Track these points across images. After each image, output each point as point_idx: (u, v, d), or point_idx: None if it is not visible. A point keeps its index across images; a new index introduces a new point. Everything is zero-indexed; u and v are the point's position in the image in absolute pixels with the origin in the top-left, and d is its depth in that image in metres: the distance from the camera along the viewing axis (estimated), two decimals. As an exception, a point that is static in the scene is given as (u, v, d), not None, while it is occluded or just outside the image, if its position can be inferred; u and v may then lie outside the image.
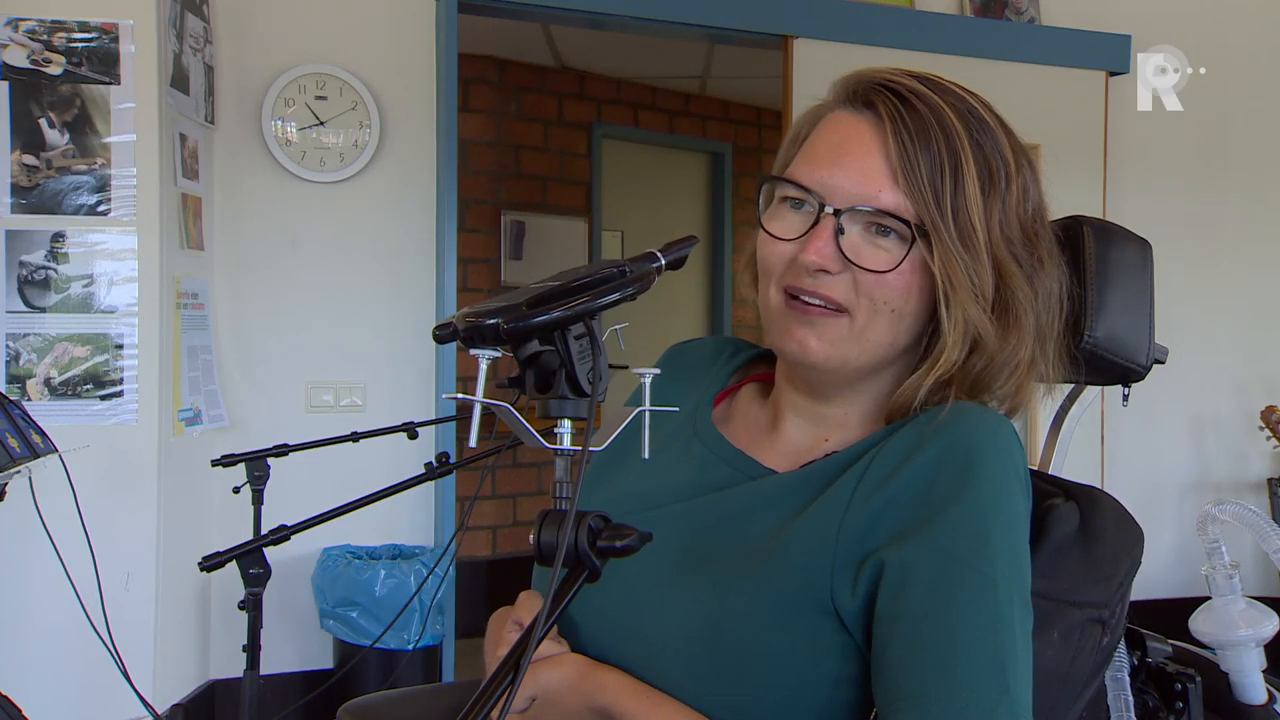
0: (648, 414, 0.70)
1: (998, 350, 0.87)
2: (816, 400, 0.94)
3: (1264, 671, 1.19)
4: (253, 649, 1.81)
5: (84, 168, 2.45)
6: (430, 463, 1.92)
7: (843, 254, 0.85)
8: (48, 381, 2.44)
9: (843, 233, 0.86)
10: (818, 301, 0.87)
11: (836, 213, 0.86)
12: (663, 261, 0.75)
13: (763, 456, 0.94)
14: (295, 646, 2.93)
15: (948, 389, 0.88)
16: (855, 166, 0.86)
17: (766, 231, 0.90)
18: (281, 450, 1.97)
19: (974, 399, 0.90)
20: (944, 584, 0.77)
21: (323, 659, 2.93)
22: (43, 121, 2.44)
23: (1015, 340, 0.88)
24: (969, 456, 0.82)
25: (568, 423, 0.66)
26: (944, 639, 0.75)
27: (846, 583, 0.80)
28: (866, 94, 0.88)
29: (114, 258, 2.47)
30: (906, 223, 0.84)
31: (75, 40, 2.45)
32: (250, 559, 1.70)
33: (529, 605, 0.89)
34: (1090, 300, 0.97)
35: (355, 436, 2.00)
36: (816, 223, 0.86)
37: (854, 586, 0.80)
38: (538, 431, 0.66)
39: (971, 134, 0.86)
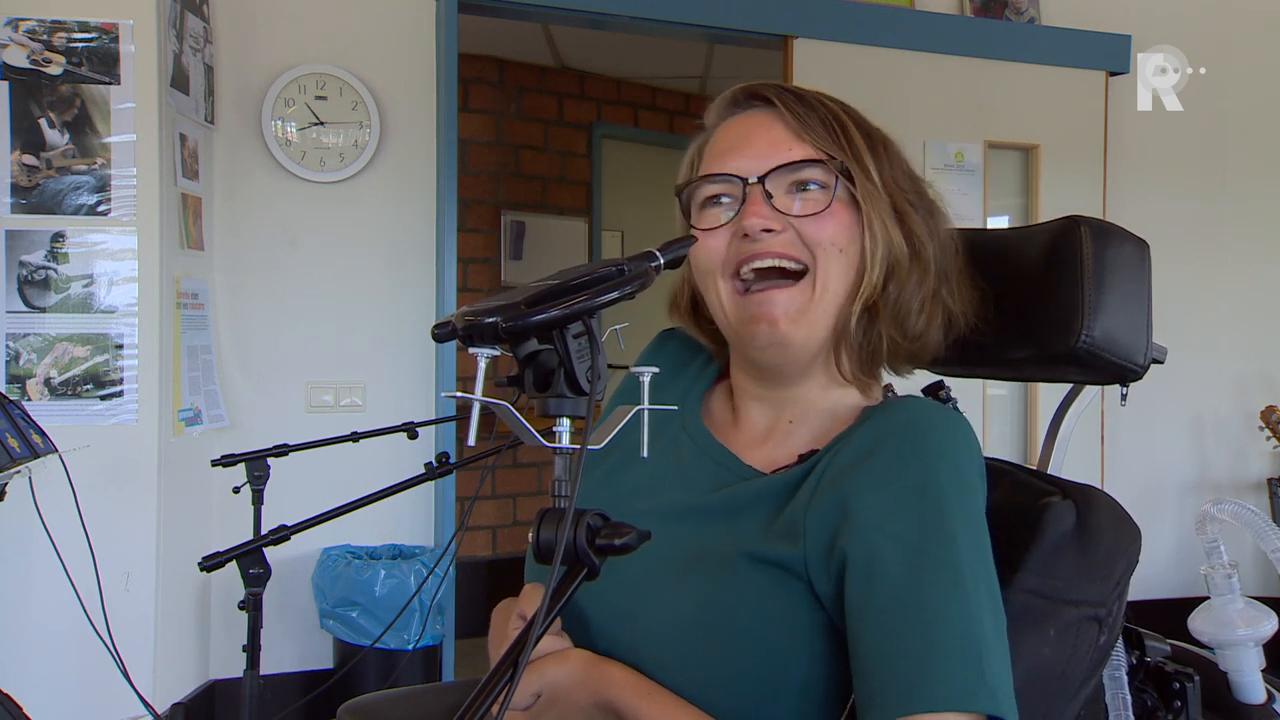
0: (646, 413, 0.70)
1: (907, 277, 0.93)
2: (778, 386, 0.97)
3: (1263, 671, 1.19)
4: (253, 649, 1.81)
5: (84, 168, 2.46)
6: (430, 463, 1.92)
7: (779, 212, 0.91)
8: (48, 381, 2.44)
9: (771, 197, 0.91)
10: (772, 262, 0.91)
11: (760, 180, 0.91)
12: (661, 260, 0.75)
13: (740, 452, 0.97)
14: (295, 646, 2.94)
15: (876, 322, 0.92)
16: (760, 140, 0.94)
17: (699, 230, 0.95)
18: (281, 450, 1.97)
19: (898, 340, 0.94)
20: (910, 575, 0.78)
21: (323, 659, 2.94)
22: (43, 121, 2.44)
23: (918, 272, 0.93)
24: (928, 451, 0.84)
25: (566, 421, 0.66)
26: (916, 628, 0.76)
27: (820, 570, 0.82)
28: (752, 93, 0.97)
29: (114, 258, 2.47)
30: (825, 162, 0.91)
31: (75, 40, 2.45)
32: (250, 559, 1.71)
33: (533, 597, 0.90)
34: (1087, 300, 0.97)
35: (355, 436, 2.00)
36: (744, 199, 0.92)
37: (827, 574, 0.82)
38: (537, 430, 0.67)
39: (847, 111, 0.97)
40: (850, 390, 0.96)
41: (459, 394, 0.69)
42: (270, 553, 1.73)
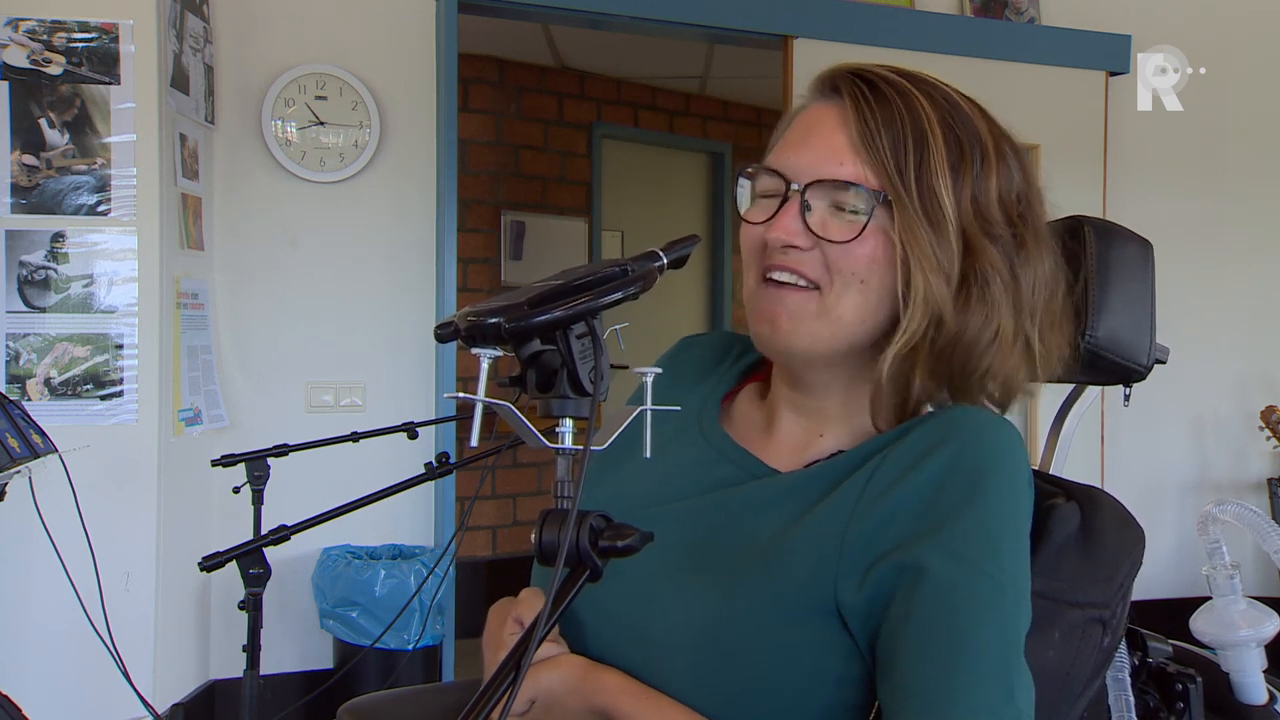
0: (649, 413, 0.70)
1: (959, 326, 0.87)
2: (804, 393, 0.94)
3: (1264, 671, 1.19)
4: (253, 649, 1.81)
5: (84, 168, 2.45)
6: (430, 463, 1.92)
7: (809, 229, 0.87)
8: (48, 381, 2.44)
9: (809, 209, 0.87)
10: (789, 278, 0.88)
11: (802, 190, 0.87)
12: (664, 261, 0.75)
13: (764, 455, 0.94)
14: (295, 646, 2.93)
15: (913, 368, 0.87)
16: (819, 145, 0.88)
17: (744, 219, 0.92)
18: (281, 450, 1.97)
19: (959, 383, 0.89)
20: (956, 589, 0.77)
21: (323, 659, 2.93)
22: (43, 121, 2.44)
23: (981, 316, 0.87)
24: (980, 463, 0.82)
25: (569, 422, 0.66)
26: (954, 643, 0.75)
27: (852, 583, 0.80)
28: (834, 82, 0.91)
29: (114, 258, 2.47)
30: (867, 191, 0.85)
31: (75, 40, 2.45)
32: (250, 559, 1.70)
33: (532, 603, 0.89)
34: (1091, 300, 0.97)
35: (355, 436, 2.00)
36: (784, 202, 0.88)
37: (860, 586, 0.80)
38: (539, 431, 0.66)
39: (942, 116, 0.88)
40: (894, 420, 0.92)
41: (460, 394, 0.69)
42: (270, 553, 1.73)
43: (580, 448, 0.65)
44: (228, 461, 1.95)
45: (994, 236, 0.88)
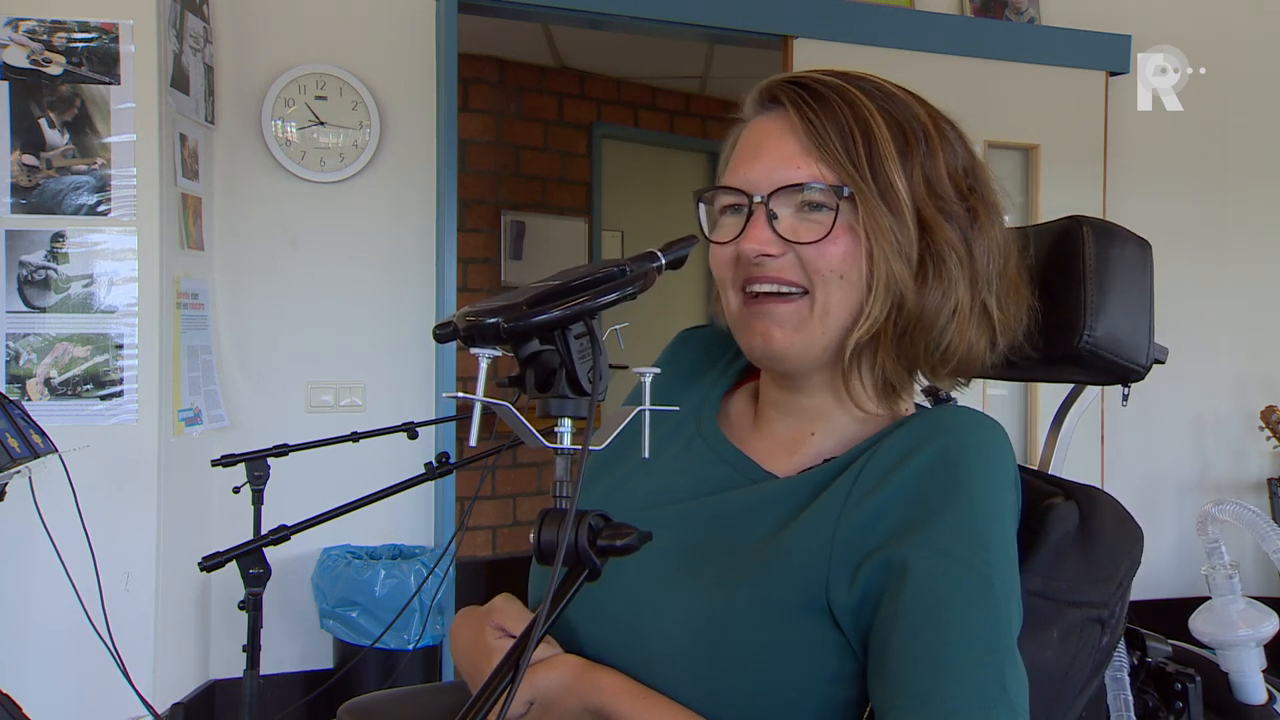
0: (648, 413, 0.70)
1: (918, 306, 0.88)
2: (794, 394, 0.95)
3: (1264, 671, 1.19)
4: (253, 649, 1.81)
5: (84, 168, 2.45)
6: (430, 463, 1.92)
7: (779, 236, 0.88)
8: (48, 381, 2.44)
9: (776, 217, 0.88)
10: (772, 287, 0.89)
11: (765, 200, 0.88)
12: (663, 261, 0.75)
13: (759, 456, 0.95)
14: (295, 646, 2.94)
15: (878, 349, 0.89)
16: (772, 154, 0.90)
17: (711, 241, 0.93)
18: (281, 450, 1.97)
19: (923, 361, 0.90)
20: (942, 584, 0.77)
21: (323, 659, 2.93)
22: (43, 121, 2.44)
23: (939, 293, 0.88)
24: (964, 459, 0.83)
25: (568, 422, 0.66)
26: (943, 638, 0.75)
27: (843, 581, 0.80)
28: (771, 94, 0.93)
29: (114, 258, 2.47)
30: (828, 187, 0.87)
31: (75, 40, 2.45)
32: (250, 559, 1.70)
33: (507, 610, 0.89)
34: (1090, 300, 0.97)
35: (355, 436, 2.00)
36: (750, 215, 0.89)
37: (850, 585, 0.80)
38: (538, 430, 0.66)
39: (880, 106, 0.89)
40: (875, 404, 0.93)
41: (460, 394, 0.69)
42: (270, 553, 1.73)
43: (579, 448, 0.65)
44: (228, 461, 1.95)
45: (949, 213, 0.89)
